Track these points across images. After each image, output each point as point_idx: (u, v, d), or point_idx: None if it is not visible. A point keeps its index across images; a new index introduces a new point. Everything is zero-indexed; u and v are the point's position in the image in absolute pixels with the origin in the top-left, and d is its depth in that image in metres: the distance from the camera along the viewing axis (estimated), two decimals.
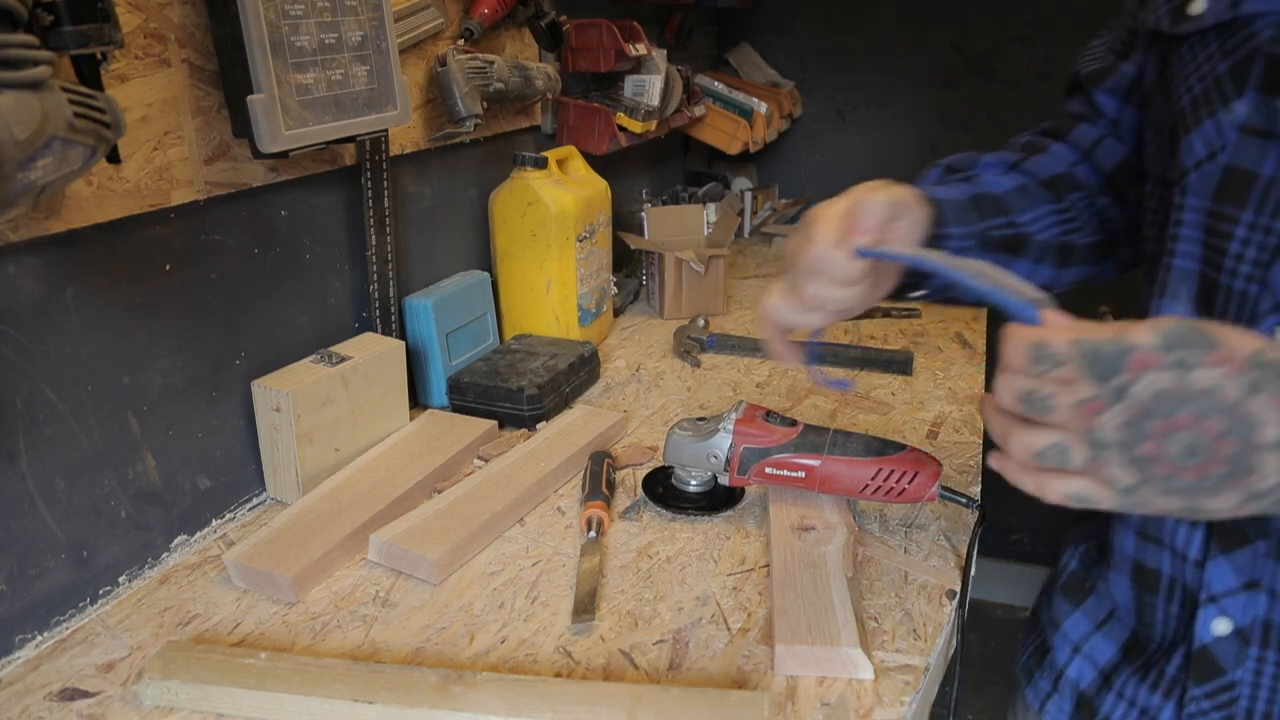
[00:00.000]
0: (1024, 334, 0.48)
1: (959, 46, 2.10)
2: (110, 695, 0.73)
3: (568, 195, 1.36)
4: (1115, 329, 0.46)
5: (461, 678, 0.70)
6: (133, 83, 0.82)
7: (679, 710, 0.67)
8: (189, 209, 0.90)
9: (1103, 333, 0.46)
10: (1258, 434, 0.43)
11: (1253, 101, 0.56)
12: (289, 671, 0.71)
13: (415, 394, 1.24)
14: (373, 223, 1.12)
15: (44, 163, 0.60)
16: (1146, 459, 0.45)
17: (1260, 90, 0.55)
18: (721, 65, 2.33)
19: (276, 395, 0.97)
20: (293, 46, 0.90)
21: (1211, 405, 0.43)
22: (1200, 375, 0.43)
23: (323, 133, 0.95)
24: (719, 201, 1.96)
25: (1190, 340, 0.44)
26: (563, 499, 1.02)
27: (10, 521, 0.78)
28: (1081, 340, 0.46)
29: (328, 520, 0.92)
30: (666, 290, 1.62)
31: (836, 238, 0.65)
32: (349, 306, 1.14)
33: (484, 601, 0.84)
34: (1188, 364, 0.44)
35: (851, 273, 0.65)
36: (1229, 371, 0.43)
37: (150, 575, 0.90)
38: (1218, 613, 0.61)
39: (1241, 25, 0.56)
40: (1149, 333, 0.45)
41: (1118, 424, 0.45)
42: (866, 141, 2.25)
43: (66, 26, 0.66)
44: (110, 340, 0.84)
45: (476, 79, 1.21)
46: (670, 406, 1.26)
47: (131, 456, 0.88)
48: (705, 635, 0.79)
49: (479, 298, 1.33)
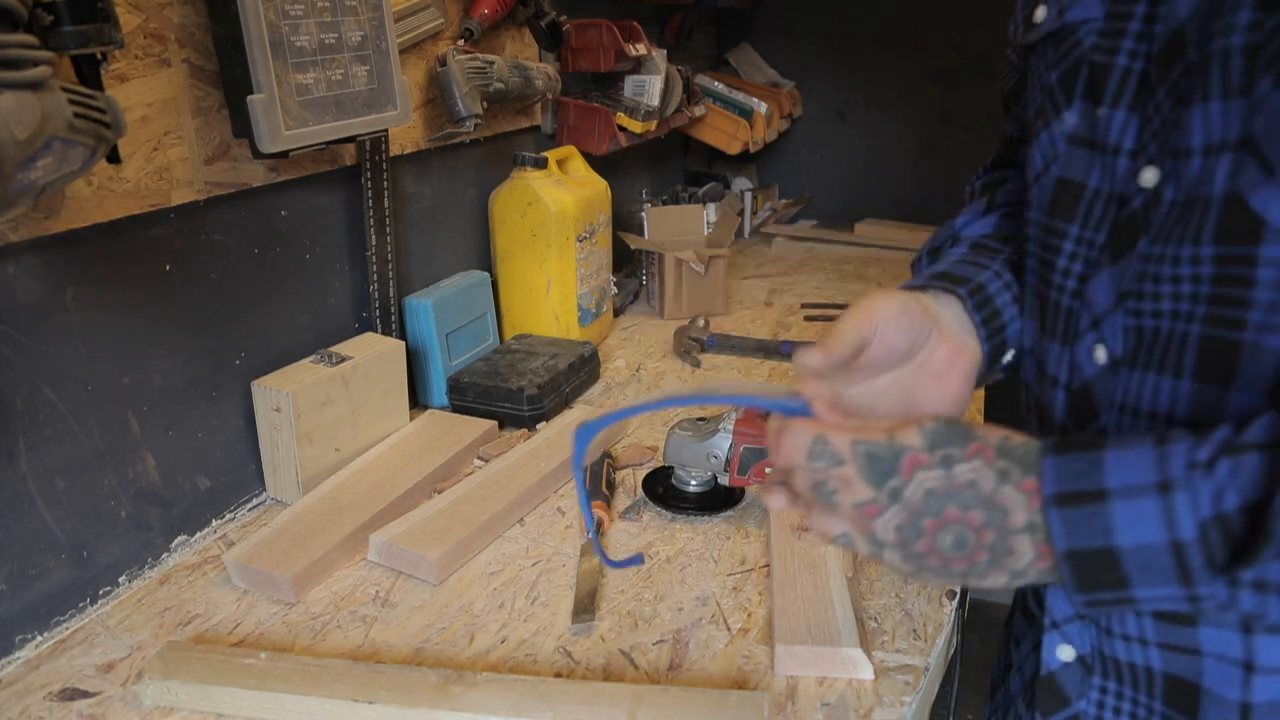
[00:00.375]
0: (803, 427, 0.49)
1: (959, 46, 2.10)
2: (110, 695, 0.73)
3: (568, 195, 1.36)
4: (886, 427, 0.47)
5: (461, 678, 0.70)
6: (133, 83, 0.82)
7: (679, 710, 0.67)
8: (189, 209, 0.90)
9: (875, 433, 0.47)
10: (1010, 520, 0.44)
11: (1079, 111, 0.55)
12: (289, 671, 0.71)
13: (415, 394, 1.24)
14: (373, 223, 1.12)
15: (44, 163, 0.60)
16: (920, 554, 0.47)
17: (1085, 99, 0.54)
18: (721, 65, 2.33)
19: (276, 395, 0.97)
20: (293, 46, 0.90)
21: (973, 498, 0.45)
22: (961, 470, 0.45)
23: (323, 133, 0.95)
24: (719, 201, 1.96)
25: (950, 436, 0.46)
26: (563, 499, 1.02)
27: (10, 521, 0.78)
28: (859, 442, 0.47)
29: (328, 520, 0.92)
30: (666, 290, 1.62)
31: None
32: (349, 306, 1.14)
33: (484, 601, 0.84)
34: (951, 460, 0.45)
35: None
36: (983, 463, 0.45)
37: (150, 575, 0.89)
38: (1061, 639, 0.59)
39: (1068, 33, 0.55)
40: (915, 433, 0.46)
41: (894, 525, 0.47)
42: (866, 141, 2.25)
43: (66, 26, 0.66)
44: (110, 340, 0.84)
45: (476, 79, 1.21)
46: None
47: (131, 456, 0.88)
48: (705, 635, 0.79)
49: (479, 298, 1.33)
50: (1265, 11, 0.43)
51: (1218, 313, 0.46)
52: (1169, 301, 0.49)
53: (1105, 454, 0.43)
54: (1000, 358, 0.63)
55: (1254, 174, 0.44)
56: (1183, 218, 0.48)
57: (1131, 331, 0.51)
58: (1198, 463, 0.40)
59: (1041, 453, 0.44)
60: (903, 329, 0.57)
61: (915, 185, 2.20)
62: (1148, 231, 0.50)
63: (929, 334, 0.58)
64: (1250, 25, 0.44)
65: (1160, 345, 0.50)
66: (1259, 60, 0.43)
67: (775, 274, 1.91)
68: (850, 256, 2.04)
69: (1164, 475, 0.41)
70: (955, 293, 0.61)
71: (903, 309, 0.57)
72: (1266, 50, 0.43)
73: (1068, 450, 0.44)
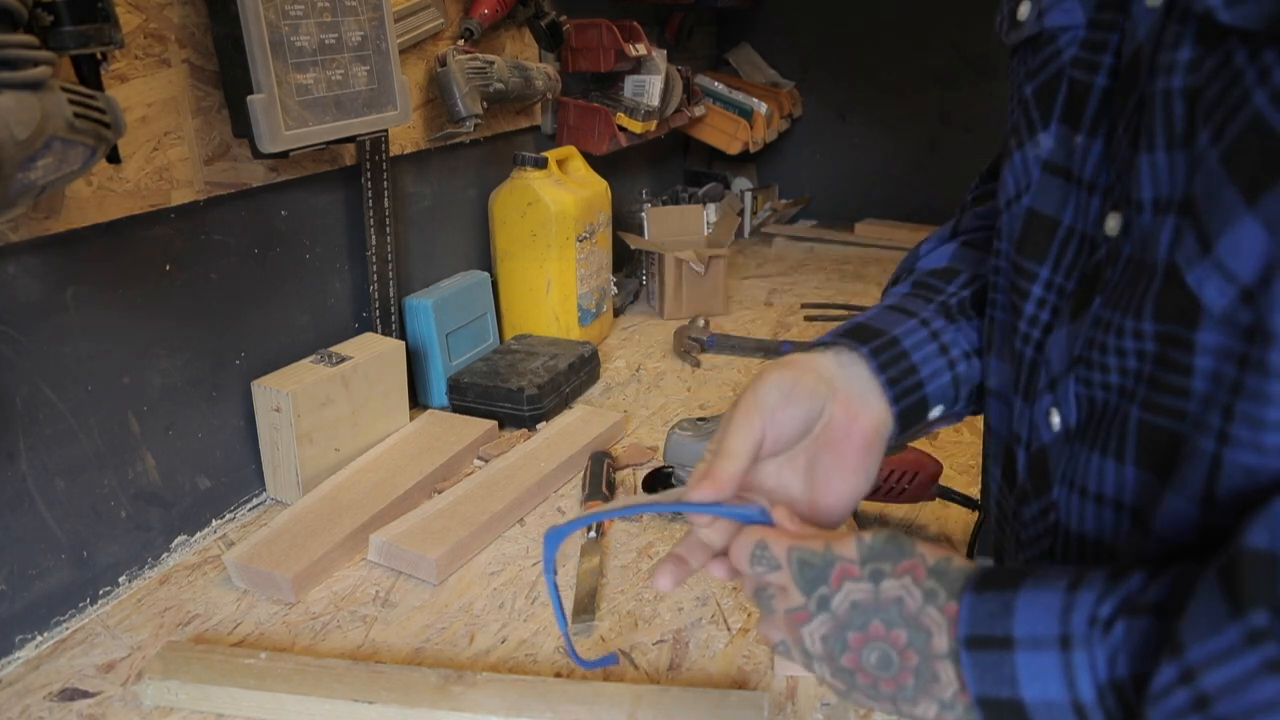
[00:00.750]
0: (749, 533, 0.49)
1: (959, 46, 2.10)
2: (110, 695, 0.73)
3: (568, 195, 1.36)
4: (828, 539, 0.47)
5: (461, 678, 0.70)
6: (133, 83, 0.82)
7: (679, 710, 0.67)
8: (189, 209, 0.90)
9: (816, 541, 0.47)
10: (933, 643, 0.43)
11: (1056, 135, 0.49)
12: (289, 671, 0.71)
13: (415, 394, 1.24)
14: (373, 223, 1.12)
15: (44, 163, 0.60)
16: (848, 670, 0.46)
17: (1063, 122, 0.48)
18: (721, 65, 2.33)
19: (276, 395, 0.97)
20: (293, 46, 0.90)
21: (898, 615, 0.44)
22: (889, 585, 0.44)
23: (323, 133, 0.95)
24: (719, 201, 1.96)
25: (885, 552, 0.45)
26: (563, 499, 1.02)
27: (10, 521, 0.78)
28: (795, 549, 0.47)
29: (328, 520, 0.92)
30: (666, 290, 1.62)
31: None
32: (349, 306, 1.14)
33: (484, 601, 0.84)
34: (880, 575, 0.45)
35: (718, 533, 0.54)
36: (912, 580, 0.44)
37: (150, 575, 0.89)
38: None
39: (1047, 40, 0.49)
40: (852, 545, 0.46)
41: (820, 635, 0.46)
42: (866, 141, 2.25)
43: (66, 26, 0.66)
44: (110, 340, 0.84)
45: (476, 79, 1.21)
46: (670, 406, 1.26)
47: (131, 456, 0.88)
48: (705, 635, 0.79)
49: (479, 298, 1.33)
50: (1204, 48, 0.38)
51: (1156, 399, 0.41)
52: (1115, 375, 0.44)
53: (1019, 596, 0.40)
54: (921, 415, 0.58)
55: (1191, 246, 0.38)
56: (1132, 282, 0.42)
57: (1084, 401, 0.46)
58: (1098, 619, 0.38)
59: (965, 585, 0.42)
60: (790, 415, 0.53)
61: (915, 185, 2.20)
62: (1103, 290, 0.45)
63: (823, 404, 0.54)
64: (1190, 65, 0.38)
65: (1107, 422, 0.44)
66: (1198, 108, 0.38)
67: (775, 274, 1.92)
68: (850, 256, 2.04)
69: (1066, 629, 0.38)
70: (858, 351, 0.56)
71: (788, 395, 0.53)
72: (1204, 97, 0.37)
73: (987, 587, 0.42)
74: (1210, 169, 0.37)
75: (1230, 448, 0.37)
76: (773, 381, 0.54)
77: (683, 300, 1.63)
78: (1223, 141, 0.36)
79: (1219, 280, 0.36)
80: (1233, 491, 0.37)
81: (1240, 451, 0.37)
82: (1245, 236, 0.35)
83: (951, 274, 0.63)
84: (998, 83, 2.09)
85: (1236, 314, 0.36)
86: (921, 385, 0.57)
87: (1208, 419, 0.38)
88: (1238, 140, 0.35)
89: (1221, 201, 0.36)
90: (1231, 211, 0.35)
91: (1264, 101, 0.34)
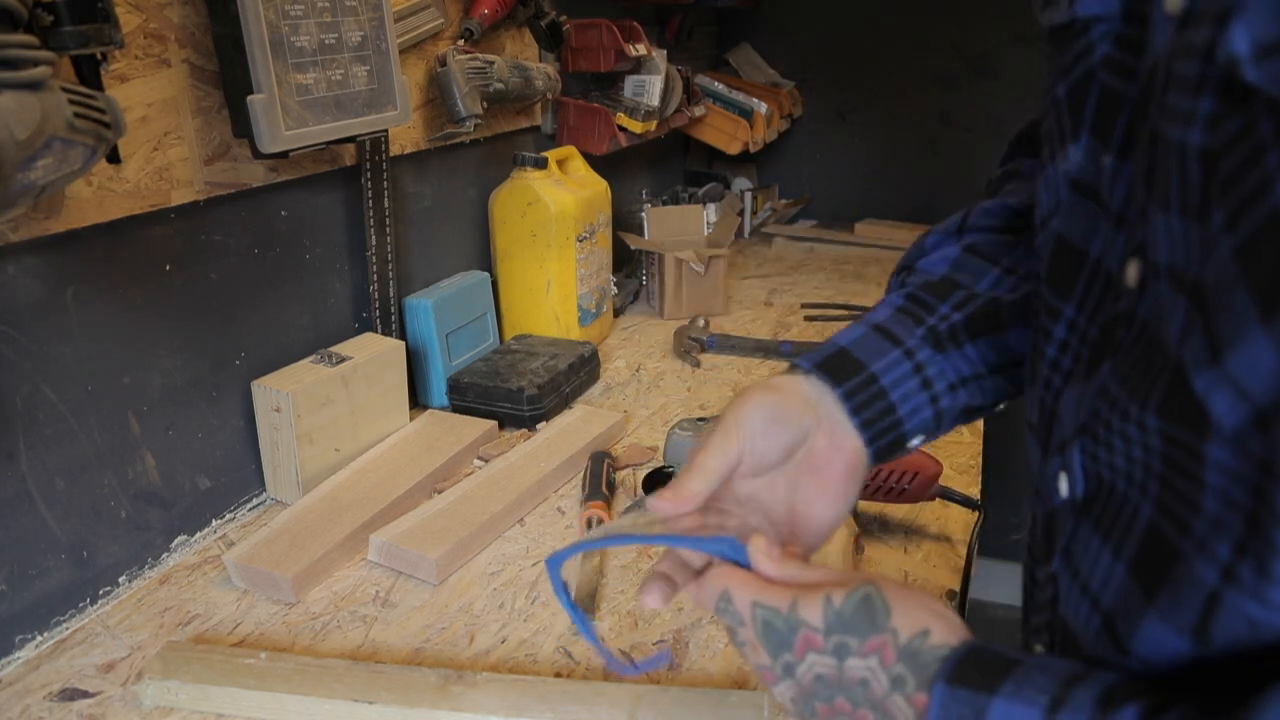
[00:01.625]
0: (715, 578, 0.47)
1: (959, 46, 2.10)
2: (110, 695, 0.73)
3: (568, 195, 1.36)
4: (794, 593, 0.44)
5: (461, 678, 0.70)
6: (133, 83, 0.82)
7: (679, 710, 0.67)
8: (189, 209, 0.90)
9: (782, 597, 0.44)
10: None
11: (1086, 149, 0.41)
12: (289, 671, 0.71)
13: (415, 394, 1.24)
14: (373, 223, 1.12)
15: (44, 163, 0.60)
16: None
17: (1093, 134, 0.41)
18: (721, 65, 2.33)
19: (276, 395, 0.97)
20: (293, 46, 0.90)
21: (863, 697, 0.41)
22: (853, 664, 0.42)
23: (323, 133, 0.95)
24: (719, 201, 1.96)
25: (853, 624, 0.42)
26: (563, 499, 1.02)
27: (10, 521, 0.77)
28: (759, 607, 0.45)
29: (328, 520, 0.92)
30: (666, 290, 1.62)
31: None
32: (349, 306, 1.14)
33: (484, 601, 0.84)
34: (846, 651, 0.42)
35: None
36: (879, 663, 0.41)
37: (150, 575, 0.89)
38: None
39: (1079, 32, 0.42)
40: (819, 609, 0.43)
41: (789, 698, 0.45)
42: (866, 141, 2.25)
43: (66, 26, 0.66)
44: (110, 340, 0.84)
45: (476, 79, 1.21)
46: (670, 406, 1.26)
47: (131, 456, 0.88)
48: (705, 635, 0.79)
49: (479, 298, 1.33)
50: (1226, 106, 0.30)
51: (1168, 501, 0.35)
52: (1121, 459, 0.38)
53: (993, 702, 0.37)
54: (899, 447, 0.56)
55: (1200, 349, 0.32)
56: (1144, 359, 0.36)
57: (1091, 474, 0.41)
58: None
59: (938, 674, 0.39)
60: (771, 442, 0.52)
61: (915, 185, 2.20)
62: (1114, 354, 0.39)
63: (807, 431, 0.53)
64: (1209, 121, 0.31)
65: (1115, 505, 0.39)
66: (1214, 179, 0.31)
67: (775, 274, 1.92)
68: (850, 256, 2.04)
69: None
70: (834, 392, 0.54)
71: (772, 420, 0.52)
72: (1221, 168, 0.31)
73: (962, 682, 0.38)
74: (1223, 261, 0.30)
75: (1234, 589, 0.32)
76: (755, 403, 0.52)
77: (683, 300, 1.63)
78: (1238, 232, 0.30)
79: (1229, 395, 0.31)
80: (1233, 638, 0.33)
81: (1243, 598, 0.32)
82: (1259, 354, 0.29)
83: (948, 289, 0.58)
84: (998, 83, 2.09)
85: (1249, 440, 0.30)
86: (899, 423, 0.55)
87: (1214, 546, 0.33)
88: (1256, 235, 0.29)
89: (1234, 305, 0.30)
90: (1244, 321, 0.30)
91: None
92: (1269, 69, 0.28)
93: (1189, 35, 0.32)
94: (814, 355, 0.56)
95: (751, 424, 0.52)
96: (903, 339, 0.56)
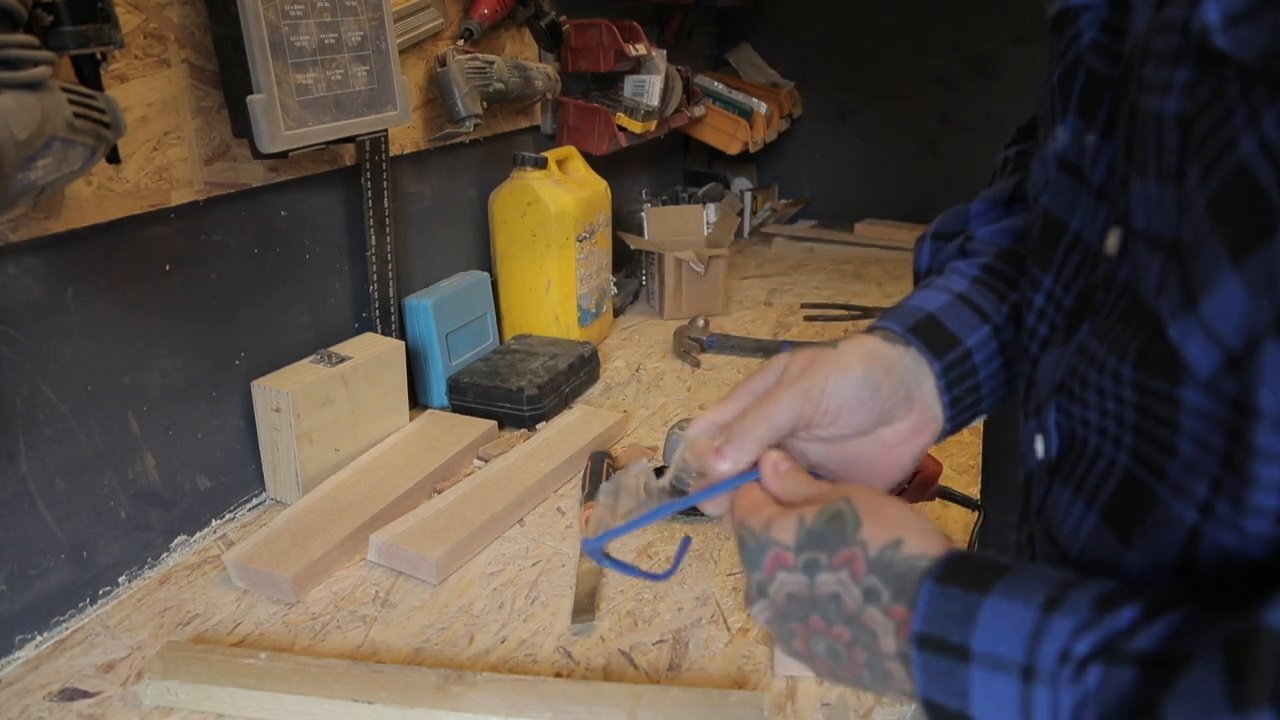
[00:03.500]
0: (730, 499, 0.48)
1: (959, 46, 2.10)
2: (110, 695, 0.73)
3: (568, 195, 1.36)
4: (776, 514, 0.43)
5: (461, 678, 0.70)
6: (133, 83, 0.82)
7: (679, 710, 0.67)
8: (189, 209, 0.90)
9: (762, 517, 0.44)
10: (879, 644, 0.39)
11: (1071, 128, 0.44)
12: (289, 671, 0.71)
13: (415, 394, 1.24)
14: (373, 223, 1.12)
15: (44, 163, 0.60)
16: (804, 655, 0.43)
17: (1078, 114, 0.44)
18: (721, 65, 2.33)
19: (276, 395, 0.97)
20: (293, 46, 0.90)
21: (836, 613, 0.40)
22: (824, 580, 0.41)
23: (323, 133, 0.95)
24: (719, 201, 1.96)
25: (823, 538, 0.41)
26: (563, 499, 1.02)
27: (10, 521, 0.78)
28: (740, 526, 0.45)
29: (328, 520, 0.92)
30: (666, 290, 1.62)
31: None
32: (349, 306, 1.14)
33: (484, 601, 0.84)
34: (816, 566, 0.41)
35: None
36: (850, 576, 0.40)
37: (150, 575, 0.89)
38: None
39: (1070, 19, 0.45)
40: (791, 528, 0.42)
41: (765, 619, 0.44)
42: (866, 141, 2.25)
43: (66, 26, 0.66)
44: (110, 340, 0.84)
45: (476, 79, 1.21)
46: (670, 406, 1.26)
47: (131, 456, 0.88)
48: (705, 635, 0.79)
49: (479, 298, 1.33)
50: (1200, 73, 0.33)
51: (1143, 449, 0.37)
52: (1095, 413, 0.40)
53: (985, 601, 0.36)
54: (965, 426, 0.55)
55: (1175, 296, 0.34)
56: (1124, 318, 0.38)
57: (1065, 432, 0.42)
58: (1071, 656, 0.33)
59: (925, 575, 0.38)
60: (858, 419, 0.50)
61: (915, 185, 2.20)
62: (1093, 316, 0.41)
63: (896, 411, 0.51)
64: (1185, 87, 0.34)
65: (1086, 460, 0.40)
66: (1190, 141, 0.33)
67: (775, 274, 1.92)
68: (850, 256, 2.04)
69: (1032, 659, 0.34)
70: (932, 366, 0.52)
71: (862, 400, 0.49)
72: (1196, 129, 0.33)
73: (952, 580, 0.37)
74: (1198, 215, 0.33)
75: (1213, 523, 0.33)
76: (857, 376, 0.49)
77: (682, 300, 1.63)
78: (1209, 186, 0.32)
79: (1203, 340, 0.33)
80: (1215, 568, 0.34)
81: (1221, 530, 0.33)
82: (1230, 298, 0.31)
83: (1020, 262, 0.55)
84: (998, 83, 2.09)
85: (1222, 382, 0.32)
86: (978, 403, 0.54)
87: (1191, 487, 0.34)
88: (1224, 188, 0.31)
89: (1206, 254, 0.32)
90: (1216, 267, 0.32)
91: (1252, 149, 0.30)
92: (1236, 35, 0.31)
93: (1166, 13, 0.35)
94: (902, 317, 0.54)
95: (841, 395, 0.49)
96: (990, 316, 0.54)
